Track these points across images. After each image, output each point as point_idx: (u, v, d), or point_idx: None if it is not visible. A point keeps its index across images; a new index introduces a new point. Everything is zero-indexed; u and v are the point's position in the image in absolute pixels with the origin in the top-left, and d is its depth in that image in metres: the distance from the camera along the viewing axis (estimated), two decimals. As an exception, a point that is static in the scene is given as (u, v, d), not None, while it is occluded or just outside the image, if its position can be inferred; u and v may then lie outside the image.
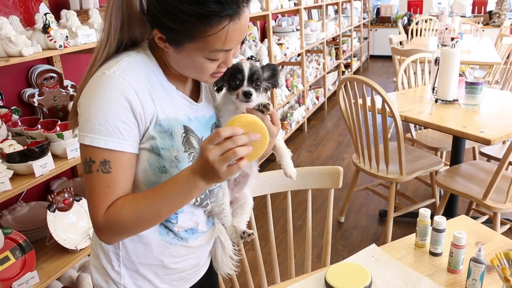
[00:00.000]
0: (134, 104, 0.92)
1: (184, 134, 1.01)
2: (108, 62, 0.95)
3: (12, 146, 1.77)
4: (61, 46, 1.80)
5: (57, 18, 2.00)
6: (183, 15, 0.86)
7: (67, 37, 1.83)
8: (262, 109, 0.98)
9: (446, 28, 4.60)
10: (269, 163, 4.15)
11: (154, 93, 0.97)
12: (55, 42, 1.79)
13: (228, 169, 0.84)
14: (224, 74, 1.04)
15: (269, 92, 3.74)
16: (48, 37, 1.78)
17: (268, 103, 0.99)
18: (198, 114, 1.07)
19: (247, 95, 1.02)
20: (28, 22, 2.11)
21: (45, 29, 1.79)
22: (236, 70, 1.03)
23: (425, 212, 1.34)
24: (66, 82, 2.27)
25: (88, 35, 1.94)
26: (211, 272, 1.28)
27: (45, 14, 1.81)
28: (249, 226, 1.21)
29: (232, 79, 1.04)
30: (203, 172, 0.86)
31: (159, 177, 0.98)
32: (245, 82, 1.03)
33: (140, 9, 0.94)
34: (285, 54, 4.42)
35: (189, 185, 0.89)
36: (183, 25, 0.88)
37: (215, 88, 1.09)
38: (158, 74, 0.99)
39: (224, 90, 1.10)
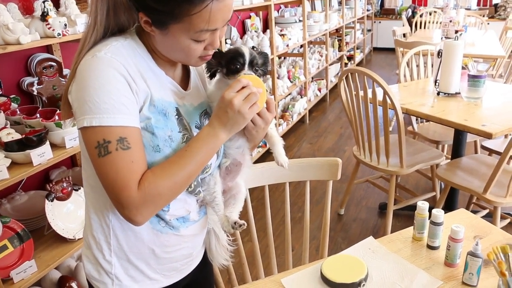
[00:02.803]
0: (130, 81, 0.92)
1: (177, 116, 1.01)
2: (96, 46, 0.93)
3: (10, 135, 1.76)
4: (60, 34, 1.79)
5: (56, 6, 1.99)
6: None
7: (65, 25, 1.82)
8: None
9: (451, 21, 4.56)
10: (269, 154, 4.13)
11: (146, 76, 0.96)
12: (53, 30, 1.78)
13: (251, 109, 0.96)
14: (221, 58, 1.03)
15: (270, 83, 3.72)
16: (46, 25, 1.77)
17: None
18: (186, 102, 1.06)
19: None
20: (27, 9, 2.09)
21: (44, 17, 1.78)
22: (237, 54, 1.02)
23: (423, 205, 1.33)
24: (66, 71, 2.26)
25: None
26: (205, 264, 1.28)
27: (44, 2, 1.80)
28: (247, 217, 1.21)
29: (232, 62, 1.02)
30: (225, 120, 0.96)
31: (152, 157, 0.97)
32: (246, 66, 1.02)
33: None
34: (288, 45, 4.39)
35: (211, 139, 0.97)
36: (166, 5, 0.87)
37: (209, 74, 1.07)
38: (146, 59, 0.99)
39: (217, 77, 1.09)
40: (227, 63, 1.03)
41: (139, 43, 0.99)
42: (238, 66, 1.02)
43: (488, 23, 6.20)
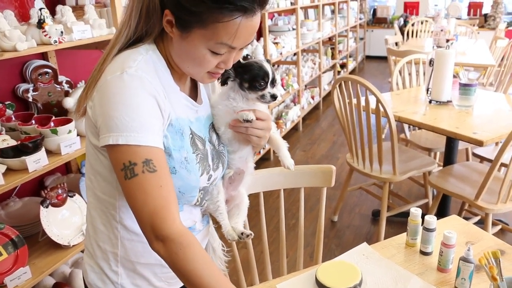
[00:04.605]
0: (159, 101, 0.91)
1: (191, 135, 1.01)
2: (122, 60, 0.92)
3: (6, 141, 1.76)
4: (56, 42, 1.80)
5: (52, 13, 2.00)
6: None
7: (62, 32, 1.82)
8: (246, 121, 1.04)
9: (442, 30, 4.62)
10: (264, 161, 4.15)
11: (166, 92, 0.95)
12: (49, 37, 1.78)
13: None
14: (244, 72, 1.04)
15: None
16: (42, 32, 1.78)
17: (252, 119, 1.04)
18: (199, 115, 1.07)
19: (275, 98, 1.05)
20: (23, 17, 2.11)
21: (40, 24, 1.79)
22: (262, 72, 1.04)
23: (416, 212, 1.34)
24: (61, 78, 2.27)
25: (83, 31, 1.93)
26: None
27: (40, 9, 1.81)
28: (244, 226, 1.22)
29: (257, 80, 1.04)
30: None
31: None
32: (269, 84, 1.05)
33: None
34: (281, 53, 4.42)
35: None
36: (197, 6, 0.86)
37: (220, 81, 1.07)
38: (166, 74, 0.98)
39: (225, 88, 1.09)
40: (251, 79, 1.04)
41: (160, 56, 0.97)
42: (262, 84, 1.04)
43: (478, 32, 6.28)
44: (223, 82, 1.08)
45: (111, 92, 0.88)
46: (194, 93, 1.10)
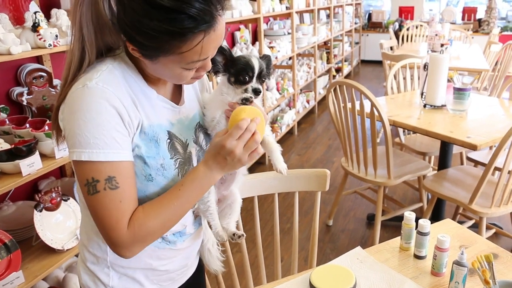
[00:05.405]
0: (122, 113, 0.89)
1: (168, 140, 1.00)
2: (88, 72, 0.91)
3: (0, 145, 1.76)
4: (51, 45, 1.80)
5: (47, 17, 2.00)
6: (154, 32, 0.83)
7: (56, 36, 1.82)
8: (245, 103, 1.03)
9: (436, 35, 4.64)
10: (259, 165, 4.15)
11: (137, 100, 0.94)
12: (44, 41, 1.78)
13: (250, 156, 0.95)
14: (232, 66, 1.04)
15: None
16: (37, 35, 1.78)
17: (250, 97, 1.03)
18: (181, 116, 1.06)
19: (257, 92, 1.05)
20: (18, 20, 2.10)
21: (35, 27, 1.79)
22: (248, 66, 1.04)
23: (410, 216, 1.35)
24: (56, 81, 2.26)
25: (78, 35, 1.93)
26: (199, 272, 1.29)
27: (35, 13, 1.81)
28: (237, 227, 1.21)
29: (241, 74, 1.04)
30: (223, 165, 0.95)
31: (145, 186, 0.97)
32: (254, 79, 1.05)
33: (111, 18, 0.89)
34: (276, 57, 4.43)
35: (207, 181, 0.97)
36: (155, 42, 0.84)
37: (213, 72, 1.06)
38: (137, 80, 0.96)
39: (220, 80, 1.09)
40: (236, 73, 1.05)
41: (129, 63, 0.96)
42: (247, 78, 1.04)
43: (472, 37, 6.32)
44: (215, 72, 1.08)
45: (73, 107, 0.88)
46: (177, 92, 1.09)
